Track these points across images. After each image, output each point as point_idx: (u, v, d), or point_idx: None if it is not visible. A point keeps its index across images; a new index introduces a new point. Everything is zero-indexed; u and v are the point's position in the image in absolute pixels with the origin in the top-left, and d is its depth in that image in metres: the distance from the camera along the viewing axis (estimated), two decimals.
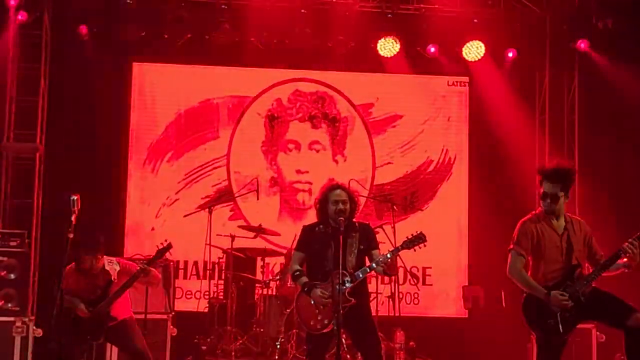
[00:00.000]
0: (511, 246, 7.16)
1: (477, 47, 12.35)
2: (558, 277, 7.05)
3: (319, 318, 7.29)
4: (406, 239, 7.38)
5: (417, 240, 7.32)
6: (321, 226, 7.50)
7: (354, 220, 7.60)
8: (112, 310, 8.10)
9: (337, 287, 7.04)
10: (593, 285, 7.06)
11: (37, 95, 11.73)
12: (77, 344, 8.05)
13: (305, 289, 7.33)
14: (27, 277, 10.12)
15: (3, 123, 11.62)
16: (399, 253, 7.41)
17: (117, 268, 8.21)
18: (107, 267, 8.17)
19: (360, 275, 7.28)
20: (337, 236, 7.18)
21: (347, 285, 7.20)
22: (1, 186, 11.57)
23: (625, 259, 6.94)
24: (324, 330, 7.27)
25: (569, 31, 12.24)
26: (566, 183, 7.07)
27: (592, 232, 7.26)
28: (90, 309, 8.02)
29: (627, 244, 6.86)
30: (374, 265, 7.29)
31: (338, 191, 7.47)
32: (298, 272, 7.44)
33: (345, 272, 7.20)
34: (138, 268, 8.09)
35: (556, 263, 7.07)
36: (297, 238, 7.69)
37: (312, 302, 7.31)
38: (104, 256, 8.22)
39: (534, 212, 7.29)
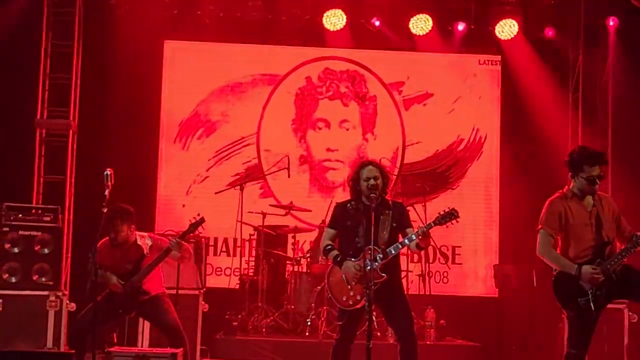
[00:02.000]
0: (539, 226, 7.17)
1: (510, 26, 12.27)
2: (589, 254, 7.05)
3: (351, 294, 7.29)
4: (438, 214, 7.34)
5: (449, 216, 7.27)
6: (353, 203, 7.48)
7: (388, 198, 7.61)
8: (145, 284, 8.17)
9: (369, 262, 7.05)
10: (625, 262, 7.06)
11: (70, 72, 11.83)
12: (109, 318, 8.14)
13: (338, 260, 7.33)
14: (60, 252, 10.20)
15: (37, 100, 11.73)
16: (430, 231, 7.40)
17: (149, 243, 8.29)
18: (139, 242, 8.25)
19: (392, 252, 7.26)
20: (369, 212, 7.18)
21: (379, 261, 7.21)
22: (35, 163, 11.67)
23: None
24: (356, 306, 7.27)
25: (603, 8, 12.11)
26: None
27: (619, 208, 7.25)
28: (123, 282, 8.09)
29: None
30: (406, 241, 7.28)
31: (370, 167, 7.45)
32: (329, 246, 7.44)
33: (377, 248, 7.20)
34: (170, 243, 8.13)
35: (586, 241, 7.08)
36: (330, 215, 7.70)
37: (344, 277, 7.31)
38: (136, 231, 8.29)
39: (561, 190, 7.28)
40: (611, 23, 12.11)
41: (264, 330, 10.52)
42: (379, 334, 10.27)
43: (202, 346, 9.89)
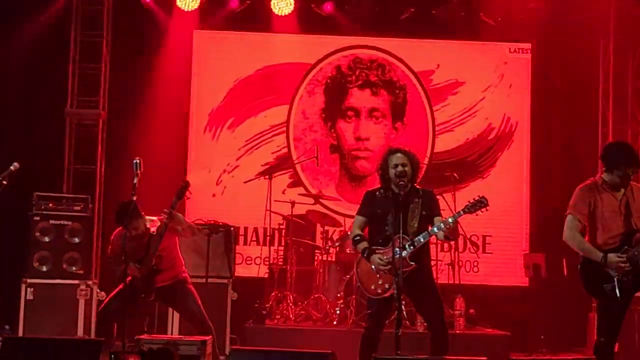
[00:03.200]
0: (568, 211, 7.18)
1: (538, 13, 12.17)
2: (616, 242, 7.05)
3: (379, 283, 7.28)
4: (468, 203, 7.31)
5: (478, 204, 7.24)
6: (382, 191, 7.46)
7: (417, 186, 7.57)
8: (162, 265, 8.19)
9: (397, 251, 7.04)
10: None
11: (100, 62, 11.88)
12: (133, 303, 8.09)
13: (365, 255, 7.32)
14: (90, 241, 10.32)
15: (66, 90, 11.81)
16: (459, 220, 7.37)
17: (158, 224, 8.32)
18: (148, 225, 8.34)
19: (422, 240, 7.23)
20: (398, 200, 7.15)
21: (408, 249, 7.18)
22: (65, 152, 11.75)
23: None
24: (385, 295, 7.27)
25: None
26: None
27: None
28: (139, 266, 8.12)
29: None
30: (435, 229, 7.26)
31: (398, 154, 7.40)
32: (358, 237, 7.42)
33: (406, 236, 7.18)
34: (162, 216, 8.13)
35: (614, 229, 7.07)
36: (360, 202, 7.68)
37: (373, 267, 7.29)
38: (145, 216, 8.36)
39: (592, 178, 7.25)
40: None
41: (292, 318, 10.54)
42: (407, 322, 10.24)
43: (231, 335, 9.94)
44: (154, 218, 8.41)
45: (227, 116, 12.66)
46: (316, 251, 11.38)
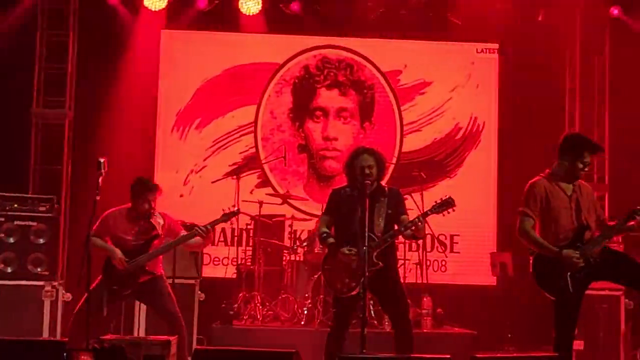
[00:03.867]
0: (520, 208, 7.23)
1: (505, 14, 12.20)
2: (568, 237, 7.12)
3: (346, 281, 7.30)
4: (435, 203, 7.36)
5: (445, 204, 7.31)
6: (348, 189, 7.51)
7: (384, 185, 7.59)
8: (148, 265, 8.12)
9: (364, 249, 7.04)
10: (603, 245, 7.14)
11: (66, 62, 11.80)
12: (106, 291, 8.00)
13: (333, 248, 7.36)
14: (56, 241, 10.21)
15: (32, 90, 11.71)
16: (427, 219, 7.40)
17: (161, 222, 8.26)
18: (152, 220, 8.22)
19: (388, 239, 7.28)
20: (364, 199, 7.17)
21: (375, 247, 7.21)
22: (31, 152, 11.66)
23: (633, 222, 7.04)
24: (351, 294, 7.28)
25: None
26: None
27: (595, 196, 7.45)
28: (127, 260, 7.99)
29: None
30: (402, 228, 7.29)
31: (364, 156, 7.44)
32: (325, 234, 7.46)
33: (372, 235, 7.21)
34: (197, 230, 8.06)
35: (566, 224, 7.14)
36: (327, 202, 7.72)
37: (340, 264, 7.31)
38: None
39: (541, 174, 7.32)
40: (615, 12, 12.07)
41: (260, 319, 10.52)
42: (375, 322, 10.26)
43: (198, 335, 9.91)
44: (157, 212, 8.32)
45: (194, 116, 12.62)
46: (284, 251, 11.35)
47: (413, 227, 7.25)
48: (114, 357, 5.94)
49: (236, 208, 8.40)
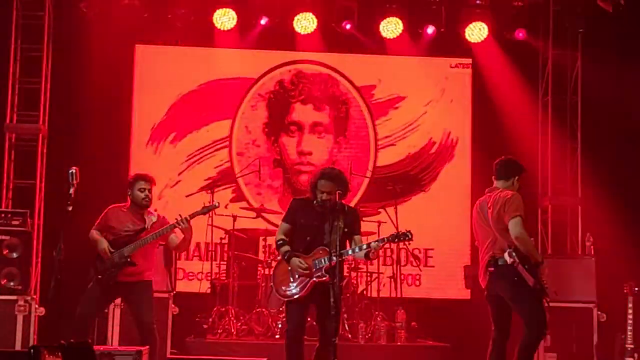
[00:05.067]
0: (517, 213, 7.52)
1: (479, 29, 12.32)
2: None
3: (291, 286, 7.54)
4: (394, 233, 7.59)
5: (403, 236, 7.49)
6: (310, 201, 7.70)
7: (344, 203, 7.71)
8: (137, 260, 8.17)
9: (324, 260, 7.37)
10: None
11: (40, 76, 11.75)
12: (98, 287, 8.14)
13: (286, 257, 7.56)
14: (29, 256, 10.18)
15: (6, 105, 11.66)
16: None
17: (154, 219, 8.36)
18: (145, 215, 8.36)
19: (349, 253, 7.51)
20: (322, 215, 7.47)
21: (325, 262, 7.38)
22: (4, 167, 11.61)
23: None
24: (294, 297, 7.51)
25: (572, 11, 12.18)
26: None
27: None
28: (112, 250, 8.12)
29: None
30: (357, 249, 7.50)
31: (323, 182, 7.60)
32: (282, 241, 7.67)
33: (326, 249, 7.40)
34: (176, 221, 8.16)
35: None
36: (286, 210, 7.91)
37: (289, 269, 7.54)
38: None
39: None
40: (580, 30, 12.20)
41: (234, 332, 10.50)
42: (350, 335, 10.30)
43: (172, 349, 9.88)
44: (152, 210, 8.46)
45: (169, 131, 12.63)
46: (259, 265, 11.35)
47: (371, 251, 7.45)
48: (83, 355, 5.92)
49: (216, 202, 8.51)
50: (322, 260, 7.40)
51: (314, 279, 7.41)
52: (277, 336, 10.35)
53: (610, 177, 12.04)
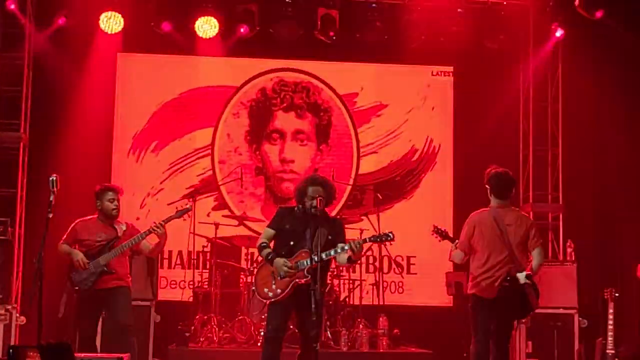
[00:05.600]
0: (542, 240, 8.14)
1: (458, 36, 12.31)
2: None
3: (273, 287, 7.51)
4: (376, 234, 7.76)
5: (384, 237, 7.56)
6: (295, 209, 7.71)
7: (328, 212, 7.83)
8: (113, 267, 8.20)
9: (305, 262, 7.38)
10: None
11: (21, 85, 11.70)
12: (66, 294, 8.21)
13: (269, 258, 7.54)
14: (10, 265, 10.15)
15: None
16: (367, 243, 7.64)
17: (124, 228, 8.41)
18: (115, 225, 8.41)
19: (323, 257, 7.41)
20: (308, 221, 7.46)
21: (308, 264, 7.39)
22: None
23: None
24: (276, 299, 7.48)
25: (552, 19, 12.25)
26: None
27: None
28: (88, 262, 8.15)
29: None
30: (338, 249, 7.46)
31: (316, 187, 7.61)
32: (264, 244, 7.66)
33: (309, 251, 7.40)
34: (151, 227, 8.22)
35: None
36: (272, 217, 7.88)
37: (272, 272, 7.51)
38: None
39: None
40: (558, 34, 12.25)
41: (216, 341, 10.48)
42: (332, 343, 10.30)
43: (154, 357, 9.86)
44: (121, 221, 8.52)
45: (151, 139, 12.61)
46: (241, 273, 11.32)
47: (354, 249, 7.40)
48: (61, 355, 5.90)
49: (188, 205, 8.57)
50: (305, 262, 7.39)
51: (296, 280, 7.41)
52: (259, 344, 10.30)
53: (592, 184, 12.11)
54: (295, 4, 12.09)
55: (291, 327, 8.70)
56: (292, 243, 7.55)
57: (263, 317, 10.47)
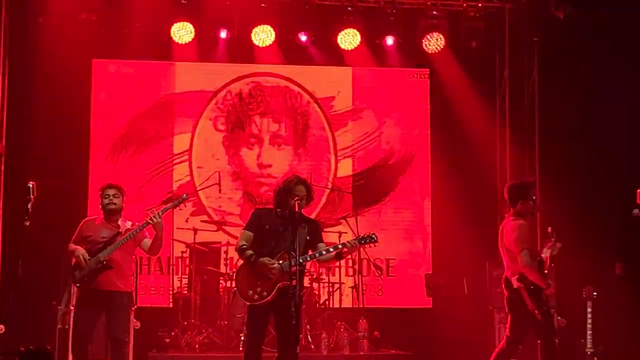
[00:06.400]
0: (524, 245, 8.25)
1: (436, 39, 12.40)
2: None
3: (258, 289, 7.44)
4: (359, 235, 7.70)
5: (368, 239, 7.61)
6: (273, 211, 7.71)
7: (304, 214, 7.80)
8: (115, 263, 8.23)
9: (288, 263, 7.30)
10: None
11: None
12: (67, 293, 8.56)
13: (252, 259, 7.47)
14: None
15: None
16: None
17: (129, 225, 8.50)
18: (119, 223, 8.50)
19: (308, 259, 7.51)
20: (287, 221, 7.46)
21: (300, 261, 7.33)
22: None
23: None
24: (261, 302, 7.41)
25: (527, 22, 12.33)
26: None
27: None
28: (89, 258, 8.19)
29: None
30: (323, 252, 7.54)
31: (300, 187, 7.63)
32: (245, 246, 7.60)
33: (292, 253, 7.34)
34: (148, 217, 8.28)
35: None
36: (248, 219, 7.88)
37: (256, 273, 7.44)
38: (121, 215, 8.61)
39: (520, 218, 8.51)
40: (535, 39, 12.34)
41: (197, 346, 10.47)
42: (312, 346, 10.31)
43: None
44: (127, 221, 8.59)
45: (128, 145, 12.57)
46: (220, 278, 11.32)
47: (333, 251, 7.55)
48: None
49: (184, 195, 8.55)
50: (288, 264, 7.31)
51: (282, 282, 7.35)
52: (240, 348, 10.31)
53: (569, 183, 12.16)
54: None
55: (272, 331, 8.70)
56: (272, 243, 7.51)
57: (244, 321, 10.49)
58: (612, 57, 11.85)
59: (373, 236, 7.58)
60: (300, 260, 7.27)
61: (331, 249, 7.56)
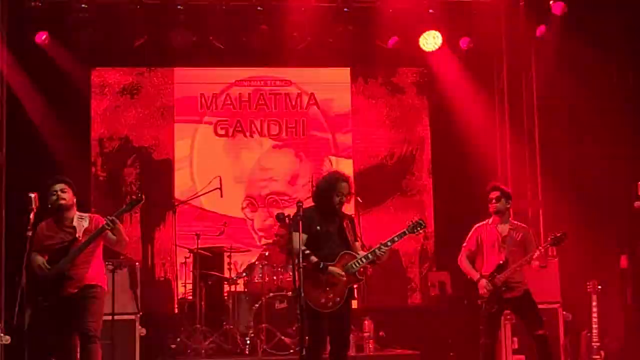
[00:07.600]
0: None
1: (433, 37, 12.38)
2: None
3: (330, 296, 7.37)
4: (410, 224, 7.61)
5: (418, 226, 7.59)
6: (319, 209, 7.61)
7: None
8: (76, 267, 7.57)
9: (352, 265, 7.37)
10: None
11: None
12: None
13: (321, 267, 7.36)
14: None
15: None
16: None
17: (85, 225, 7.70)
18: (75, 223, 7.72)
19: (370, 257, 7.44)
20: (333, 220, 7.52)
21: (357, 266, 7.40)
22: None
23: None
24: (335, 308, 7.36)
25: (524, 18, 12.30)
26: None
27: None
28: (49, 267, 7.50)
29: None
30: (383, 248, 7.45)
31: (346, 184, 7.61)
32: (308, 251, 7.42)
33: (352, 253, 7.43)
34: (105, 221, 7.56)
35: None
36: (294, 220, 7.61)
37: (323, 281, 7.35)
38: (76, 210, 7.82)
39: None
40: (539, 32, 12.30)
41: (203, 352, 10.44)
42: None
43: None
44: (85, 215, 7.84)
45: (129, 153, 12.63)
46: (224, 283, 11.31)
47: (390, 245, 7.50)
48: None
49: (140, 195, 7.75)
50: (354, 265, 7.35)
51: (349, 285, 7.37)
52: (246, 352, 10.31)
53: (571, 179, 12.15)
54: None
55: (278, 334, 8.68)
56: (328, 245, 7.44)
57: (249, 325, 10.50)
58: (611, 54, 11.84)
59: (421, 222, 7.57)
60: (364, 260, 7.34)
61: (388, 243, 7.47)
